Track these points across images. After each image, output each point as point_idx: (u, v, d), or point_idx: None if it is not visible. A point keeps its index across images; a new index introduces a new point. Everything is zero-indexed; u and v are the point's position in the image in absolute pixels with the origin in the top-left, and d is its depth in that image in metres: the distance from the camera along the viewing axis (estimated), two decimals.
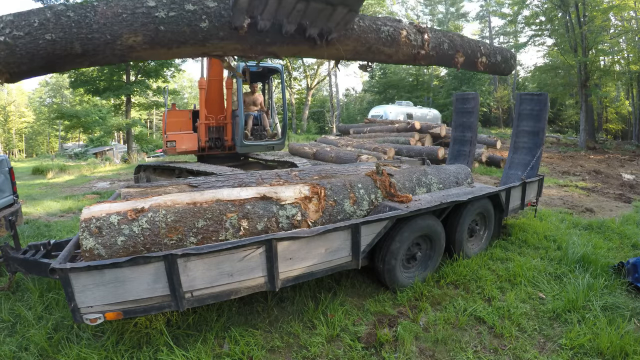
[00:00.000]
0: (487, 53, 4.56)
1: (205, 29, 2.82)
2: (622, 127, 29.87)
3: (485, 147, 13.46)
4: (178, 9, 2.74)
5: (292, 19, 2.97)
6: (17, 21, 2.40)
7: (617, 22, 21.36)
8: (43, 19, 2.45)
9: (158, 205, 2.77)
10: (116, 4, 2.64)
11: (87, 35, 2.55)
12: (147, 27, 2.68)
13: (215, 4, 2.85)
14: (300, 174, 4.37)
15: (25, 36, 2.39)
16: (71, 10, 2.54)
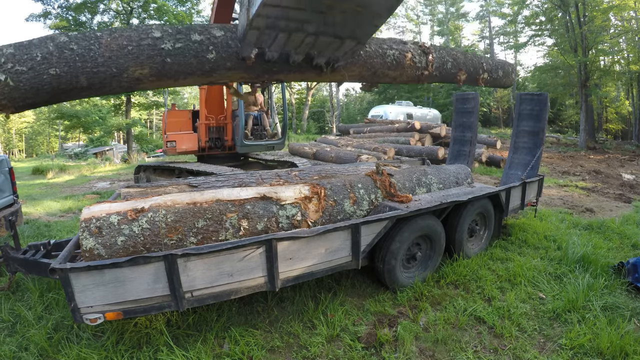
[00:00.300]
0: (489, 69, 4.62)
1: (212, 59, 2.77)
2: (622, 127, 29.86)
3: (485, 147, 13.45)
4: (184, 39, 2.67)
5: (301, 50, 2.96)
6: (18, 54, 2.31)
7: (617, 22, 21.37)
8: (46, 53, 2.36)
9: (158, 205, 2.77)
10: (120, 35, 2.55)
11: (93, 69, 2.48)
12: (153, 60, 2.61)
13: (222, 32, 2.79)
14: (300, 174, 4.37)
15: (29, 71, 2.32)
16: (74, 43, 2.44)
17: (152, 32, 2.62)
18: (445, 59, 4.09)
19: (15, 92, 2.32)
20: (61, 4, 18.60)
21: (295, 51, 2.97)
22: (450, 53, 4.23)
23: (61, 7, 18.66)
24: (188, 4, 21.90)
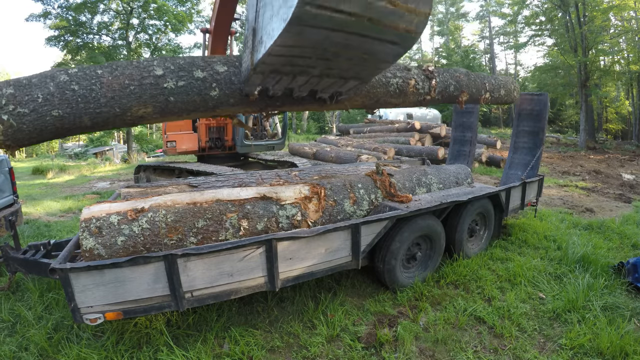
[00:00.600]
0: (492, 89, 4.65)
1: (215, 97, 2.75)
2: (622, 127, 29.86)
3: (485, 147, 13.46)
4: (187, 77, 2.65)
5: (304, 88, 2.96)
6: (19, 95, 2.28)
7: (617, 22, 21.37)
8: (47, 94, 2.34)
9: (158, 205, 2.77)
10: (121, 74, 2.52)
11: (96, 110, 2.46)
12: (156, 99, 2.59)
13: (225, 68, 2.77)
14: (300, 174, 4.37)
15: (31, 113, 2.30)
16: (75, 82, 2.41)
17: (153, 69, 2.59)
18: (448, 82, 4.09)
19: (19, 133, 2.32)
20: (61, 4, 18.60)
21: (299, 89, 2.97)
22: (453, 75, 4.22)
23: (61, 7, 18.66)
24: (188, 4, 21.89)
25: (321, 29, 2.23)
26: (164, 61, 2.66)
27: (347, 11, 2.18)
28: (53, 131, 2.43)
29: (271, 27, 2.32)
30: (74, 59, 20.59)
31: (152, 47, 21.79)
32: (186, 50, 23.14)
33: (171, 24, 20.87)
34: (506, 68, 41.66)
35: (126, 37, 20.93)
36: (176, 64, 2.67)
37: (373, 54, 2.70)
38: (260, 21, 2.50)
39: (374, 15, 2.26)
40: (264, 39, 2.41)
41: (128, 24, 20.65)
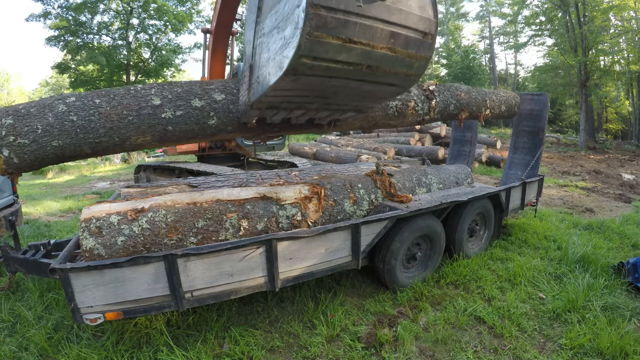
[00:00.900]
0: (492, 106, 4.65)
1: (214, 125, 2.75)
2: (622, 127, 29.85)
3: (485, 147, 13.45)
4: (185, 106, 2.64)
5: (302, 118, 2.97)
6: (18, 126, 2.29)
7: (617, 22, 21.36)
8: (46, 124, 2.34)
9: (158, 205, 2.77)
10: (119, 103, 2.51)
11: (95, 140, 2.48)
12: (155, 129, 2.60)
13: (223, 96, 2.76)
14: (300, 174, 4.37)
15: (32, 144, 2.32)
16: (73, 113, 2.41)
17: (151, 98, 2.57)
18: (449, 101, 4.06)
19: (21, 163, 2.35)
20: (61, 4, 18.59)
21: (296, 119, 2.99)
22: (454, 94, 4.18)
23: (61, 7, 18.66)
24: (188, 4, 21.88)
25: (318, 76, 2.20)
26: (162, 89, 2.64)
27: (345, 61, 2.16)
28: (54, 159, 2.47)
29: (267, 71, 2.31)
30: (74, 59, 20.59)
31: (152, 47, 21.78)
32: (186, 50, 23.14)
33: (171, 24, 20.86)
34: (506, 68, 41.67)
35: (126, 37, 20.92)
36: (174, 92, 2.65)
37: (372, 94, 2.68)
38: (257, 60, 2.50)
39: (373, 63, 2.25)
40: (261, 80, 2.40)
41: (128, 24, 20.64)
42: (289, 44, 2.04)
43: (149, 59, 22.14)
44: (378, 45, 2.18)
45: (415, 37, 2.30)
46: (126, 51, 20.82)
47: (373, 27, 2.12)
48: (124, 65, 21.27)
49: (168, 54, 21.70)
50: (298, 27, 1.94)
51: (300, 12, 1.92)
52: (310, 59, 2.04)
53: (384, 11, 2.13)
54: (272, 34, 2.28)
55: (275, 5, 2.27)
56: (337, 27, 1.99)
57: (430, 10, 2.34)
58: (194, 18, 22.44)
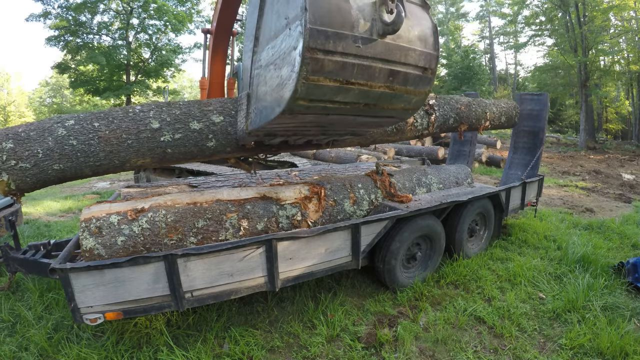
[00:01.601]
0: (492, 118, 4.67)
1: (212, 147, 2.78)
2: (622, 127, 29.84)
3: (485, 147, 13.46)
4: (183, 129, 2.65)
5: (300, 140, 3.03)
6: (19, 150, 2.31)
7: (617, 22, 21.36)
8: (46, 149, 2.35)
9: (158, 205, 2.77)
10: (118, 127, 2.52)
11: (96, 163, 2.52)
12: (154, 152, 2.63)
13: (221, 118, 2.76)
14: (300, 174, 4.37)
15: (33, 167, 2.35)
16: (73, 137, 2.43)
17: (150, 122, 2.57)
18: (448, 115, 4.05)
19: (23, 185, 2.38)
20: (61, 4, 18.61)
21: (294, 141, 3.03)
22: (454, 108, 4.14)
23: (61, 7, 18.67)
24: (188, 4, 21.89)
25: (315, 114, 2.20)
26: (160, 112, 2.65)
27: (343, 101, 2.13)
28: (55, 181, 2.52)
29: (264, 105, 2.31)
30: (74, 59, 20.60)
31: (152, 47, 21.79)
32: (186, 51, 23.14)
33: (171, 24, 20.87)
34: (506, 68, 41.67)
35: (126, 37, 20.93)
36: (172, 114, 2.65)
37: (369, 124, 2.72)
38: (255, 90, 2.51)
39: (370, 102, 2.22)
40: (258, 112, 2.42)
41: (128, 24, 20.65)
42: (285, 85, 2.01)
43: (149, 59, 22.15)
44: (376, 85, 2.14)
45: (415, 73, 2.25)
46: (126, 51, 20.83)
47: (371, 67, 2.06)
48: (124, 65, 21.28)
49: (168, 54, 21.71)
50: (294, 70, 1.89)
51: (296, 55, 1.87)
52: (306, 101, 2.01)
53: (383, 50, 2.07)
54: (269, 69, 2.25)
55: (271, 40, 2.23)
56: (334, 70, 1.94)
57: (431, 43, 2.28)
58: (194, 18, 22.46)
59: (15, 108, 47.87)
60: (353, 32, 1.95)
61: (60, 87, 46.13)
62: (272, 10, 2.25)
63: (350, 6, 1.96)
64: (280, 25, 2.10)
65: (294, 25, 1.91)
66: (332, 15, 1.88)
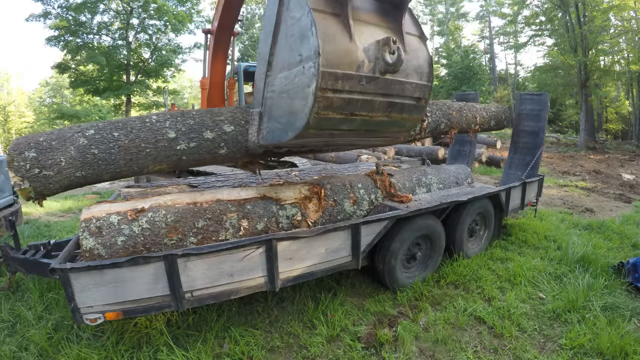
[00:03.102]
0: (482, 122, 4.95)
1: (224, 154, 2.94)
2: (622, 127, 29.82)
3: (485, 147, 13.46)
4: (198, 138, 2.79)
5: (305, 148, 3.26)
6: (42, 159, 2.39)
7: (617, 22, 21.36)
8: (69, 157, 2.45)
9: (158, 205, 2.77)
10: (137, 137, 2.65)
11: (116, 170, 2.64)
12: (170, 159, 2.77)
13: (232, 127, 2.90)
14: (300, 174, 4.37)
15: (56, 175, 2.43)
16: (94, 147, 2.53)
17: (166, 132, 2.72)
18: (440, 121, 4.24)
19: (46, 191, 2.46)
20: (61, 4, 18.57)
21: (299, 150, 3.30)
22: (446, 113, 4.37)
23: (61, 7, 18.65)
24: (188, 4, 21.86)
25: (322, 137, 2.52)
26: (175, 122, 2.80)
27: (346, 129, 2.45)
28: (76, 186, 2.64)
29: (277, 127, 2.61)
30: (74, 59, 20.58)
31: (152, 47, 21.77)
32: (186, 51, 23.12)
33: (171, 24, 20.85)
34: (506, 68, 41.65)
35: (126, 37, 20.92)
36: (187, 124, 2.81)
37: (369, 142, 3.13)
38: (267, 110, 2.75)
39: (370, 128, 2.55)
40: (270, 131, 2.70)
41: (128, 24, 20.63)
42: (297, 114, 2.32)
43: (149, 59, 22.12)
44: (376, 115, 2.45)
45: (410, 103, 2.57)
46: (126, 51, 20.82)
47: (373, 101, 2.37)
48: (124, 65, 21.26)
49: (168, 54, 21.68)
50: (307, 104, 2.18)
51: (310, 94, 2.15)
52: (316, 130, 2.31)
53: (384, 86, 2.36)
54: (282, 96, 2.53)
55: (284, 70, 2.48)
56: (341, 106, 2.25)
57: (426, 75, 2.60)
58: (194, 18, 22.43)
59: (15, 108, 47.88)
60: (359, 72, 2.24)
61: (60, 87, 46.15)
62: (285, 42, 2.49)
63: (357, 47, 2.24)
64: (293, 60, 2.36)
65: (308, 65, 2.17)
66: (341, 58, 2.16)
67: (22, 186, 2.37)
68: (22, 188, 2.38)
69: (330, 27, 2.20)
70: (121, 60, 20.89)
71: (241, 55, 30.28)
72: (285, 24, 2.47)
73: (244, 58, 28.99)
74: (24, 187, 2.37)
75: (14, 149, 2.39)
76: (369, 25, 2.41)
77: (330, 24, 2.22)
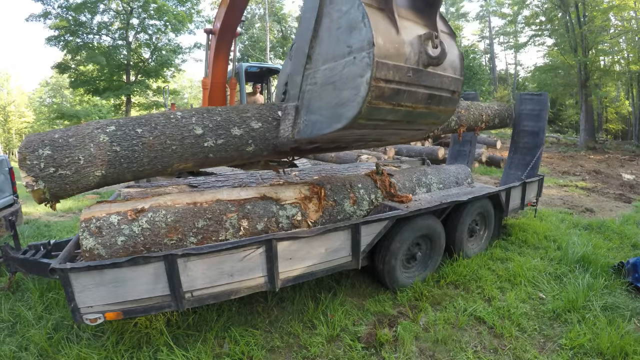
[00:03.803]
0: (487, 120, 5.10)
1: (251, 151, 2.90)
2: (622, 127, 29.81)
3: (485, 147, 13.46)
4: (225, 135, 2.74)
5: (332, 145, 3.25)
6: (58, 157, 2.26)
7: (617, 22, 21.36)
8: (88, 155, 2.33)
9: (158, 205, 2.77)
10: (162, 133, 2.55)
11: (139, 169, 2.53)
12: (197, 156, 2.70)
13: (260, 124, 2.88)
14: (300, 174, 4.37)
15: (74, 174, 2.31)
16: (116, 144, 2.42)
17: (193, 128, 2.65)
18: (451, 119, 4.35)
19: (61, 192, 2.34)
20: (61, 4, 18.60)
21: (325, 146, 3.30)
22: (456, 112, 4.47)
23: (61, 7, 18.66)
24: (188, 4, 21.88)
25: (364, 129, 2.57)
26: (202, 118, 2.73)
27: (392, 119, 2.52)
28: (94, 186, 2.52)
29: (319, 119, 2.60)
30: (74, 59, 20.60)
31: (152, 47, 21.78)
32: (186, 51, 23.14)
33: (171, 24, 20.87)
34: (506, 68, 41.66)
35: (126, 37, 20.93)
36: (214, 121, 2.76)
37: (403, 134, 3.13)
38: (306, 105, 2.78)
39: (411, 119, 2.65)
40: (310, 124, 2.68)
41: (128, 24, 20.64)
42: (346, 105, 2.34)
43: (149, 59, 22.14)
44: (418, 106, 2.58)
45: (446, 95, 2.70)
46: (126, 51, 20.83)
47: (417, 92, 2.49)
48: (124, 65, 21.28)
49: (168, 54, 21.70)
50: (359, 94, 2.24)
51: (363, 83, 2.21)
52: (365, 120, 2.36)
53: (426, 78, 2.48)
54: (325, 88, 2.54)
55: (329, 62, 2.52)
56: (391, 96, 2.34)
57: (459, 69, 2.73)
58: (194, 18, 22.45)
59: (15, 108, 47.90)
60: (406, 63, 2.34)
61: (60, 87, 46.15)
62: (329, 34, 2.53)
63: (403, 41, 2.34)
64: (340, 52, 2.40)
65: (360, 55, 2.23)
66: (390, 50, 2.25)
67: (36, 187, 2.19)
68: (36, 189, 2.20)
69: (379, 21, 2.27)
70: (121, 60, 20.90)
71: (242, 55, 30.29)
72: (329, 17, 2.50)
73: (245, 58, 29.00)
74: (37, 188, 2.20)
75: (26, 146, 2.22)
76: (408, 21, 2.49)
77: (378, 18, 2.28)
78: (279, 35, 33.58)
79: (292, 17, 34.15)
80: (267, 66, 9.30)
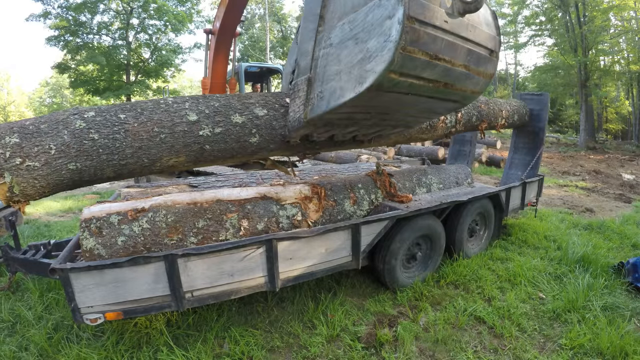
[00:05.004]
0: (507, 116, 4.92)
1: (255, 143, 2.53)
2: (622, 127, 29.83)
3: (485, 147, 13.46)
4: (224, 122, 2.38)
5: (348, 135, 2.92)
6: (26, 146, 1.94)
7: (617, 22, 21.37)
8: (61, 144, 2.00)
9: (158, 205, 2.77)
10: (149, 119, 2.20)
11: (121, 162, 2.16)
12: (190, 148, 2.32)
13: (265, 111, 2.54)
14: (300, 174, 4.37)
15: (43, 167, 1.97)
16: (94, 130, 2.07)
17: (186, 113, 2.28)
18: (472, 113, 4.22)
19: (30, 189, 2.00)
20: (61, 4, 18.60)
21: (342, 136, 2.88)
22: (475, 106, 4.32)
23: (61, 7, 18.67)
24: (188, 4, 21.89)
25: (396, 93, 2.13)
26: (197, 104, 2.37)
27: (428, 78, 2.12)
28: (69, 184, 2.15)
29: (338, 86, 2.18)
30: (74, 59, 20.60)
31: (152, 47, 21.78)
32: (186, 51, 23.14)
33: (171, 24, 20.87)
34: (506, 68, 41.64)
35: (126, 37, 20.93)
36: (210, 106, 2.40)
37: (433, 110, 2.65)
38: (320, 73, 2.33)
39: (449, 80, 2.24)
40: (327, 95, 2.25)
41: (128, 24, 20.64)
42: (374, 57, 1.94)
43: (149, 59, 22.14)
44: (457, 63, 2.19)
45: (484, 54, 2.33)
46: (126, 51, 20.83)
47: (455, 44, 2.13)
48: (124, 65, 21.28)
49: (168, 54, 21.71)
50: (390, 39, 1.86)
51: (394, 24, 1.85)
52: (397, 75, 1.95)
53: (463, 28, 2.12)
54: (345, 45, 2.15)
55: (347, 14, 2.16)
56: (427, 43, 1.95)
57: (494, 27, 2.40)
58: (194, 18, 22.46)
59: (15, 108, 47.87)
60: (441, 7, 1.98)
61: (60, 87, 46.13)
62: None
63: None
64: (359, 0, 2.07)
65: None
66: None
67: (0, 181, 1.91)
68: (0, 184, 1.92)
69: None
70: (121, 60, 20.90)
71: (242, 55, 30.30)
72: None
73: (245, 58, 29.01)
74: (2, 182, 1.92)
75: None
76: None
77: None
78: (279, 35, 33.59)
79: (292, 17, 34.17)
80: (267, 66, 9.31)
